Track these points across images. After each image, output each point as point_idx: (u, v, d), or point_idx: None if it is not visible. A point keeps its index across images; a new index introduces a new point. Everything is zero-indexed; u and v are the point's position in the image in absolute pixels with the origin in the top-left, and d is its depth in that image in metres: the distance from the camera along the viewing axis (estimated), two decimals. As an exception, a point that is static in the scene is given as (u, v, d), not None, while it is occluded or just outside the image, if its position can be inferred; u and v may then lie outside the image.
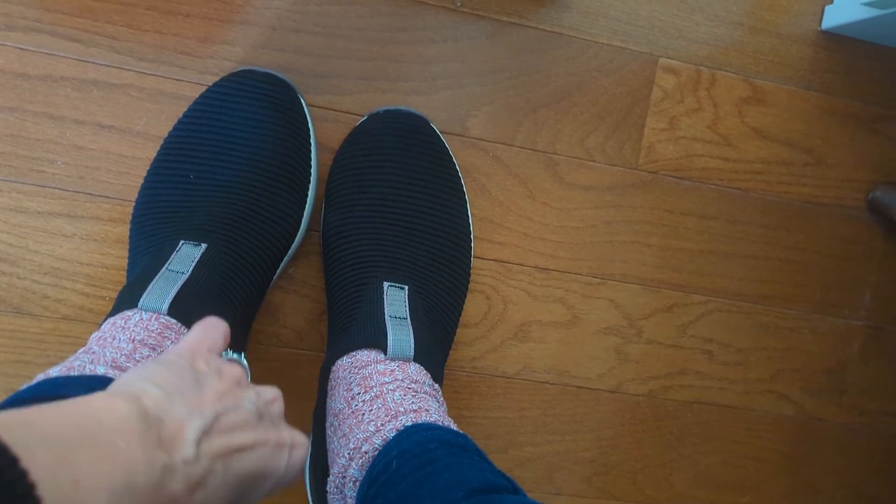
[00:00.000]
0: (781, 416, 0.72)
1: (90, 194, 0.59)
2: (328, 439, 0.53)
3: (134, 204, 0.58)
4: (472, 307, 0.65)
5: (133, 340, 0.46)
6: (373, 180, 0.59)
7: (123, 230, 0.59)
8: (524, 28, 0.64)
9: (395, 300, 0.56)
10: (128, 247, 0.59)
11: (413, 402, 0.50)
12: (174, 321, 0.49)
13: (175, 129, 0.58)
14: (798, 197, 0.70)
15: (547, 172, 0.65)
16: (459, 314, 0.61)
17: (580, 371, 0.68)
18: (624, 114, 0.66)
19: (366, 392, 0.51)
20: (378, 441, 0.47)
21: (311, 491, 0.59)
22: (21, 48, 0.57)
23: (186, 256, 0.52)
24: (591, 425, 0.68)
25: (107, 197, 0.59)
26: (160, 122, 0.59)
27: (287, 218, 0.58)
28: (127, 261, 0.58)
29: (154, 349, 0.46)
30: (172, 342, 0.48)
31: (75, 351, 0.59)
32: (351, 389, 0.52)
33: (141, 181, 0.59)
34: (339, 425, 0.52)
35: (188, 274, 0.51)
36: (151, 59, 0.59)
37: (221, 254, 0.53)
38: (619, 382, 0.68)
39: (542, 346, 0.67)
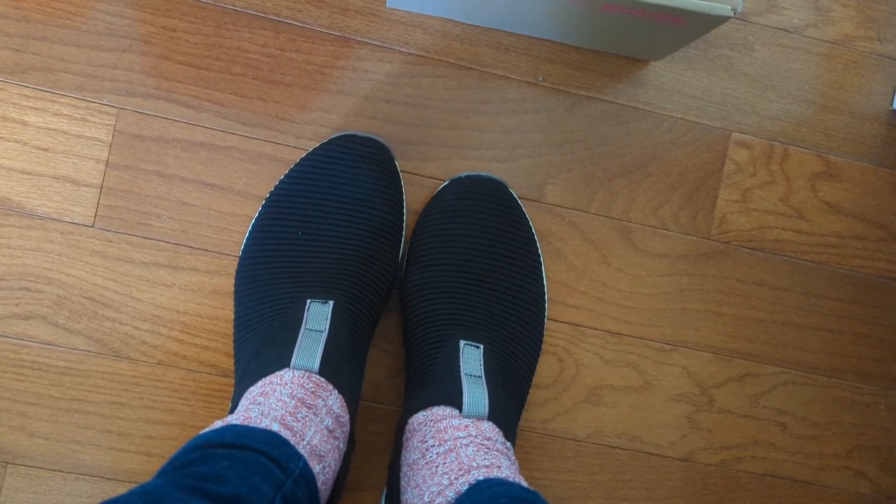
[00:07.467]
0: (858, 495, 0.70)
1: (191, 247, 0.63)
2: (402, 490, 0.54)
3: (239, 257, 0.62)
4: (545, 369, 0.66)
5: (293, 396, 0.50)
6: (452, 241, 0.62)
7: (219, 282, 0.63)
8: (601, 102, 0.67)
9: (471, 358, 0.58)
10: (222, 297, 0.63)
11: (486, 459, 0.51)
12: (324, 380, 0.52)
13: (279, 188, 0.62)
14: (872, 271, 0.71)
15: (621, 239, 0.67)
16: (532, 375, 0.63)
17: (651, 437, 0.68)
18: (697, 185, 0.68)
19: (440, 445, 0.52)
20: (451, 494, 0.49)
21: (385, 541, 0.60)
22: (139, 112, 0.62)
23: (318, 314, 0.55)
24: (662, 493, 0.68)
25: (205, 250, 0.63)
26: (259, 181, 0.63)
27: (390, 274, 0.61)
28: (233, 312, 0.61)
29: (311, 408, 0.50)
30: (324, 400, 0.51)
31: (166, 395, 0.62)
32: (425, 441, 0.53)
33: (237, 236, 0.63)
34: (413, 476, 0.53)
35: (326, 332, 0.54)
36: (254, 124, 0.63)
37: (345, 310, 0.56)
38: (690, 451, 0.68)
39: (614, 411, 0.67)
